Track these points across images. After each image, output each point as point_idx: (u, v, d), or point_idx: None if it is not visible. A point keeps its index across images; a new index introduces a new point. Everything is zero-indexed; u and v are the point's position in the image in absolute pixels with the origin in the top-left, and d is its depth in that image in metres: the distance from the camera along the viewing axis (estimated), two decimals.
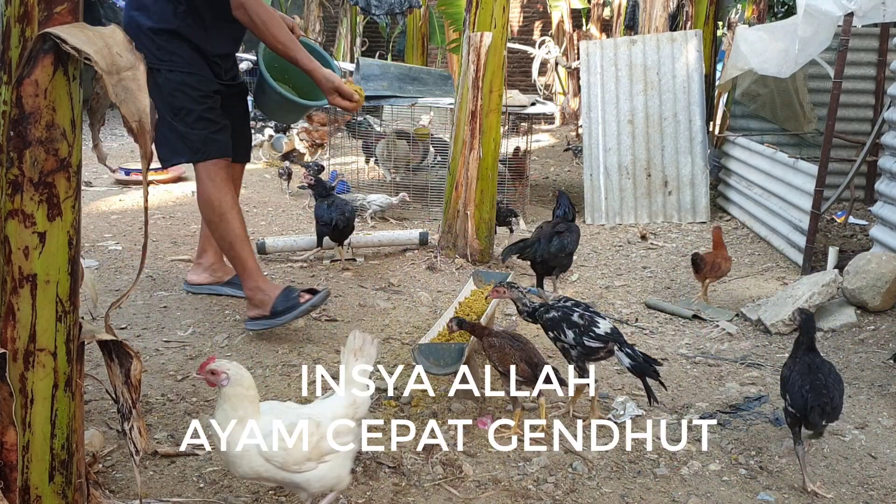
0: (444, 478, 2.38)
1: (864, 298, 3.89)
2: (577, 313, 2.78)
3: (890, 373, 3.33)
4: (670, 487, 2.40)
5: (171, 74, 3.33)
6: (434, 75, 7.16)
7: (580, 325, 2.74)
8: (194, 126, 3.39)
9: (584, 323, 2.74)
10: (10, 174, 1.60)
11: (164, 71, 3.32)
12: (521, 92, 7.50)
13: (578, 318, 2.76)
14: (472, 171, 4.85)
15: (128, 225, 5.55)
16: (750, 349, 3.63)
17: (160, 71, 3.31)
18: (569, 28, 13.25)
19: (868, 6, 4.35)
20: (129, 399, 1.85)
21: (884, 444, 2.70)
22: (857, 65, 6.55)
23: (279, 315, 3.38)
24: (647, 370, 2.68)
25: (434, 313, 3.87)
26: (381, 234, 5.21)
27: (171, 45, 3.33)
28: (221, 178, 3.42)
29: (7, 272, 1.63)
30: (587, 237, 5.90)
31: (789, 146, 6.37)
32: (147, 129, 1.68)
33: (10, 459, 1.67)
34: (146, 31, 3.30)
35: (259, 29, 3.27)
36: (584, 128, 6.72)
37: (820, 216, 4.79)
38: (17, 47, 1.58)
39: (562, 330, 2.76)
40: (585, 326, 2.73)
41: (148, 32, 3.30)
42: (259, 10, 3.25)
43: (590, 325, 2.74)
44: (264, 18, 3.26)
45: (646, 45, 6.64)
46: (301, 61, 3.35)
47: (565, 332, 2.76)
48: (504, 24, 4.91)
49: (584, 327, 2.73)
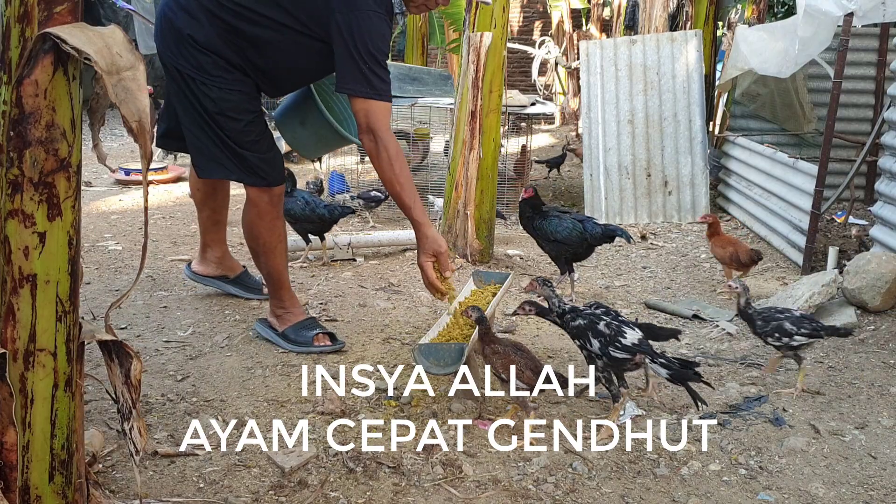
0: (444, 478, 2.38)
1: (864, 298, 3.89)
2: (605, 322, 2.68)
3: (890, 373, 3.33)
4: (670, 487, 2.40)
5: (220, 91, 3.02)
6: (434, 75, 7.16)
7: (606, 334, 2.65)
8: (253, 150, 3.12)
9: (610, 332, 2.65)
10: (10, 174, 1.60)
11: (213, 87, 3.01)
12: (521, 92, 7.51)
13: (605, 326, 2.66)
14: (472, 171, 4.85)
15: (128, 225, 5.55)
16: (750, 349, 3.63)
17: (208, 86, 3.00)
18: (569, 28, 13.25)
19: (868, 6, 4.36)
20: (129, 399, 1.85)
21: (884, 444, 2.70)
22: (857, 65, 6.56)
23: (286, 340, 3.35)
24: (688, 375, 2.61)
25: (434, 313, 3.87)
26: (380, 234, 5.21)
27: (216, 62, 2.99)
28: (272, 216, 3.25)
29: (7, 272, 1.64)
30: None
31: (789, 146, 6.37)
32: (147, 129, 1.68)
33: (10, 459, 1.67)
34: (190, 41, 2.97)
35: (383, 164, 2.88)
36: (583, 128, 6.73)
37: (820, 216, 4.79)
38: (17, 47, 1.58)
39: (587, 339, 2.68)
40: (612, 336, 2.64)
41: (191, 42, 2.97)
42: (390, 143, 2.87)
43: (616, 336, 2.64)
44: (392, 154, 2.87)
45: (646, 45, 6.65)
46: (414, 211, 2.94)
47: (591, 340, 2.67)
48: (504, 24, 4.91)
49: (610, 337, 2.64)
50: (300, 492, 2.28)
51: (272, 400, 2.88)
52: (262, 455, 2.47)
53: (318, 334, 3.34)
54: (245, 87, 3.09)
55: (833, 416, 2.90)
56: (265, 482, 2.32)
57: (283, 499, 2.25)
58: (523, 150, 6.74)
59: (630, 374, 2.89)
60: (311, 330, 3.35)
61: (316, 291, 4.21)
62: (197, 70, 3.00)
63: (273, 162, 3.21)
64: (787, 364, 3.44)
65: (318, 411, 2.78)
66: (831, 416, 2.91)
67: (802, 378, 3.07)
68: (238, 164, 3.12)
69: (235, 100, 3.05)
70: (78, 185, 1.69)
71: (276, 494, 2.27)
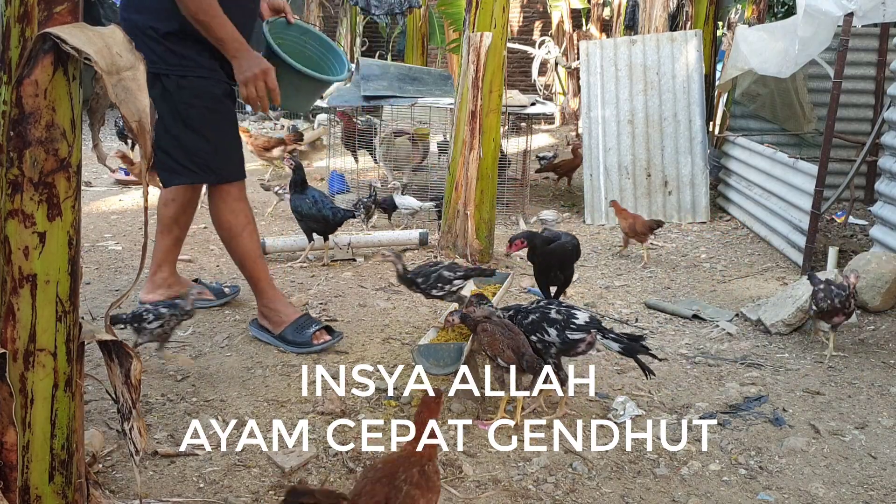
0: (444, 478, 2.38)
1: (864, 298, 3.89)
2: (555, 309, 2.79)
3: (890, 373, 3.33)
4: (670, 487, 2.40)
5: (184, 80, 3.07)
6: (434, 75, 7.16)
7: (559, 320, 2.75)
8: (209, 139, 3.16)
9: (562, 318, 2.75)
10: (10, 174, 1.60)
11: (173, 76, 3.06)
12: (521, 92, 7.50)
13: (556, 313, 2.77)
14: (472, 171, 4.85)
15: (128, 225, 5.55)
16: (750, 349, 3.63)
17: (170, 76, 3.05)
18: (569, 28, 13.25)
19: (868, 6, 4.36)
20: (129, 399, 1.85)
21: (884, 444, 2.70)
22: (857, 65, 6.56)
23: (286, 342, 3.34)
24: (637, 348, 2.71)
25: (434, 313, 3.87)
26: (380, 234, 5.21)
27: (182, 48, 3.04)
28: (234, 198, 3.28)
29: (7, 272, 1.63)
30: (587, 237, 5.90)
31: (789, 146, 6.37)
32: (147, 129, 1.68)
33: (10, 459, 1.67)
34: (152, 33, 3.02)
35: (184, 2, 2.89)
36: (583, 128, 6.72)
37: (820, 216, 4.79)
38: (17, 47, 1.58)
39: (544, 330, 2.76)
40: (565, 321, 2.74)
41: (153, 34, 3.02)
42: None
43: (569, 319, 2.74)
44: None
45: (646, 45, 6.64)
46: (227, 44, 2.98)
47: (547, 331, 2.75)
48: (504, 25, 4.91)
49: (564, 322, 2.74)
50: None
51: (272, 400, 2.88)
52: (262, 455, 2.47)
53: (316, 331, 3.34)
54: (214, 73, 3.14)
55: (833, 416, 2.91)
56: (265, 482, 2.32)
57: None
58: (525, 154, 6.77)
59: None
60: (308, 328, 3.34)
61: (316, 291, 4.21)
62: (168, 65, 3.05)
63: (229, 156, 3.25)
64: (788, 364, 3.44)
65: (318, 411, 2.79)
66: (831, 416, 2.91)
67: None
68: (196, 165, 3.17)
69: (199, 85, 3.11)
70: (78, 185, 1.69)
71: (276, 494, 2.27)
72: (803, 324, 3.82)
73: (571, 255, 3.60)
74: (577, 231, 6.16)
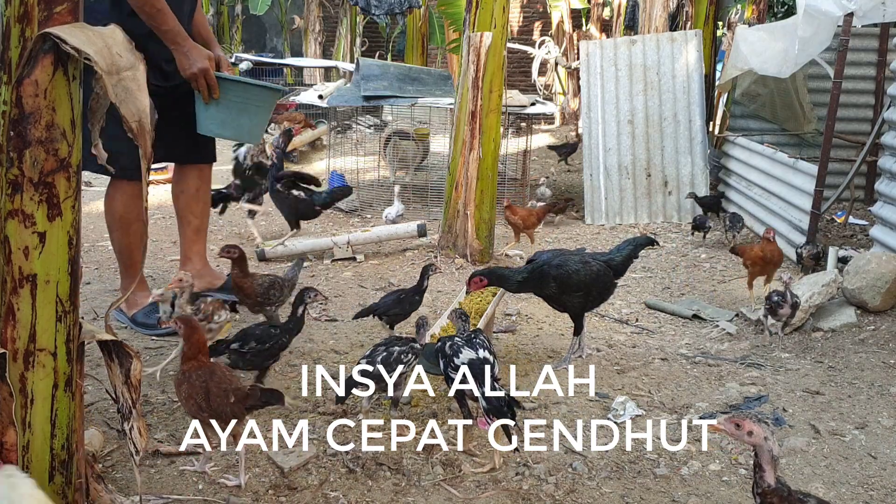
0: (444, 478, 2.38)
1: (864, 298, 3.89)
2: (448, 344, 2.57)
3: (890, 373, 3.33)
4: (670, 487, 2.40)
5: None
6: (434, 75, 7.16)
7: (449, 355, 2.53)
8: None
9: (451, 354, 2.53)
10: (10, 174, 1.60)
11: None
12: (521, 92, 7.50)
13: (449, 348, 2.55)
14: (472, 171, 4.85)
15: None
16: (750, 349, 3.63)
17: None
18: (569, 28, 13.25)
19: (868, 6, 4.36)
20: (129, 399, 1.85)
21: (884, 444, 2.70)
22: (857, 65, 6.56)
23: (135, 323, 3.50)
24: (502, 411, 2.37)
25: (434, 313, 3.87)
26: (378, 230, 5.22)
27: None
28: (130, 195, 3.35)
29: (7, 272, 1.63)
30: (587, 237, 5.90)
31: (789, 146, 6.37)
32: (147, 129, 1.68)
33: (10, 459, 1.66)
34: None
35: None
36: (583, 128, 6.73)
37: (820, 216, 4.79)
38: (17, 47, 1.58)
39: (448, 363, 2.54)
40: (448, 359, 2.53)
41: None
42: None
43: (453, 357, 2.52)
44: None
45: (646, 45, 6.65)
46: (174, 35, 3.11)
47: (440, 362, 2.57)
48: (504, 25, 4.91)
49: (447, 359, 2.53)
50: (300, 492, 2.28)
51: None
52: (262, 455, 2.47)
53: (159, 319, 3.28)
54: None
55: (833, 416, 2.90)
56: (265, 482, 2.32)
57: (283, 499, 2.25)
58: (526, 154, 6.77)
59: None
60: (157, 313, 3.27)
61: None
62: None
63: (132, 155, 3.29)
64: (788, 364, 3.44)
65: (318, 411, 2.78)
66: (831, 416, 2.91)
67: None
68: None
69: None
70: (78, 185, 1.69)
71: (276, 494, 2.27)
72: (803, 324, 3.82)
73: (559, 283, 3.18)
74: (576, 231, 6.16)
